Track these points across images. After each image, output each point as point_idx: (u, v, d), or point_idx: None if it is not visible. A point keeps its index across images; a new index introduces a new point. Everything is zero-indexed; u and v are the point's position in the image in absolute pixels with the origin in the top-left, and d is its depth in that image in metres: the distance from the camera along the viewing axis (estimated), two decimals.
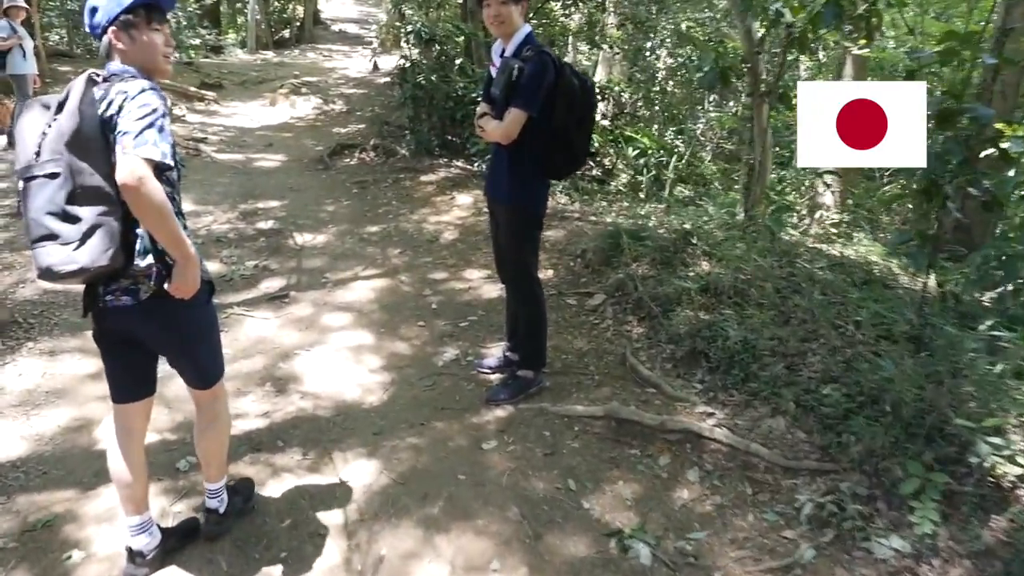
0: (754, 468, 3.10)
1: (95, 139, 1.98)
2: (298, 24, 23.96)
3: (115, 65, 2.12)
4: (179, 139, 8.73)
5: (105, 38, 2.12)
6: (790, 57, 4.78)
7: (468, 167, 7.95)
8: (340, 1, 31.61)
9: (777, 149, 7.89)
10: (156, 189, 1.91)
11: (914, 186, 5.26)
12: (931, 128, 4.09)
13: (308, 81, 13.28)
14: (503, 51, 3.34)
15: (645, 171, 6.39)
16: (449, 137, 8.52)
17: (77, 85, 2.01)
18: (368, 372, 3.96)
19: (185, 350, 2.36)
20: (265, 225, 6.23)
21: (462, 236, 6.07)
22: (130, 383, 2.39)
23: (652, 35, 12.23)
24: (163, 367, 2.45)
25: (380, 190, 7.47)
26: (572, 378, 3.85)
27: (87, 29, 2.17)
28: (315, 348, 4.21)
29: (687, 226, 4.80)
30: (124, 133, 1.92)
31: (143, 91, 1.99)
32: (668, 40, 12.39)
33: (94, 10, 2.11)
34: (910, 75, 4.06)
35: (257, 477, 3.01)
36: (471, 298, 4.93)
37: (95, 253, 1.95)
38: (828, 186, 6.22)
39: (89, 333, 2.39)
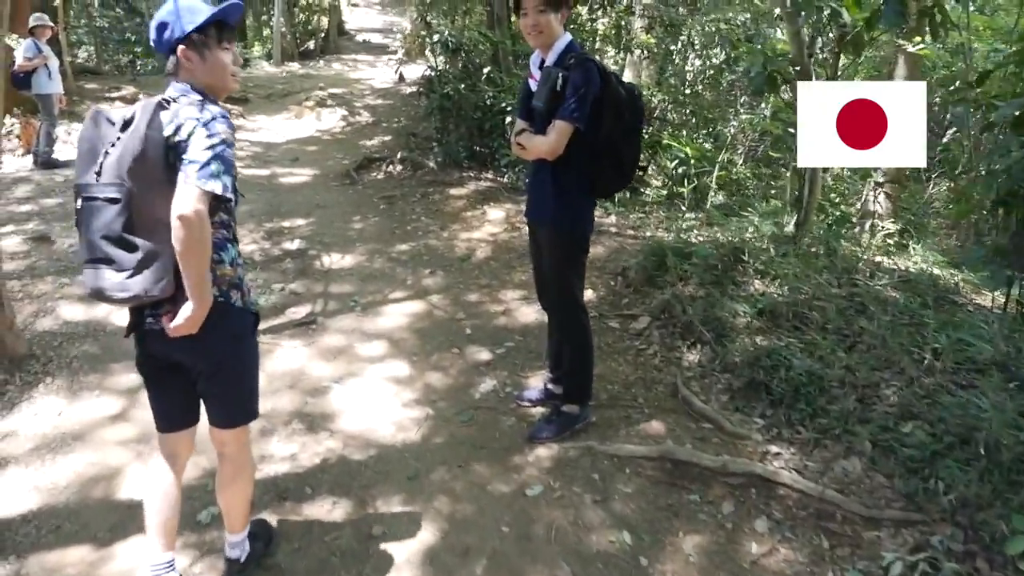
0: (830, 517, 2.79)
1: (158, 166, 1.92)
2: (323, 35, 23.94)
3: (180, 84, 2.06)
4: None
5: (173, 56, 2.06)
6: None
7: (498, 179, 7.71)
8: (364, 11, 31.63)
9: None
10: (207, 227, 1.90)
11: (974, 194, 4.92)
12: (1003, 133, 3.78)
13: (334, 93, 13.13)
14: (542, 62, 3.08)
15: (686, 182, 6.08)
16: (478, 148, 8.28)
17: (146, 108, 1.95)
18: (401, 407, 3.71)
19: (220, 382, 2.22)
20: (291, 245, 6.03)
21: (495, 254, 5.81)
22: (175, 411, 2.31)
23: (682, 37, 11.92)
24: None
25: (408, 205, 7.24)
26: (620, 411, 3.57)
27: (152, 45, 2.11)
28: (346, 380, 3.97)
29: (736, 241, 4.49)
30: (190, 162, 1.89)
31: (214, 119, 1.95)
32: (697, 42, 12.05)
33: (162, 26, 2.05)
34: (983, 77, 3.74)
35: (283, 529, 2.78)
36: (507, 322, 4.66)
37: (149, 283, 1.93)
38: (889, 196, 5.85)
39: (110, 367, 2.23)
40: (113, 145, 1.92)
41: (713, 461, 3.02)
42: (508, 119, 7.51)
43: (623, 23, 11.82)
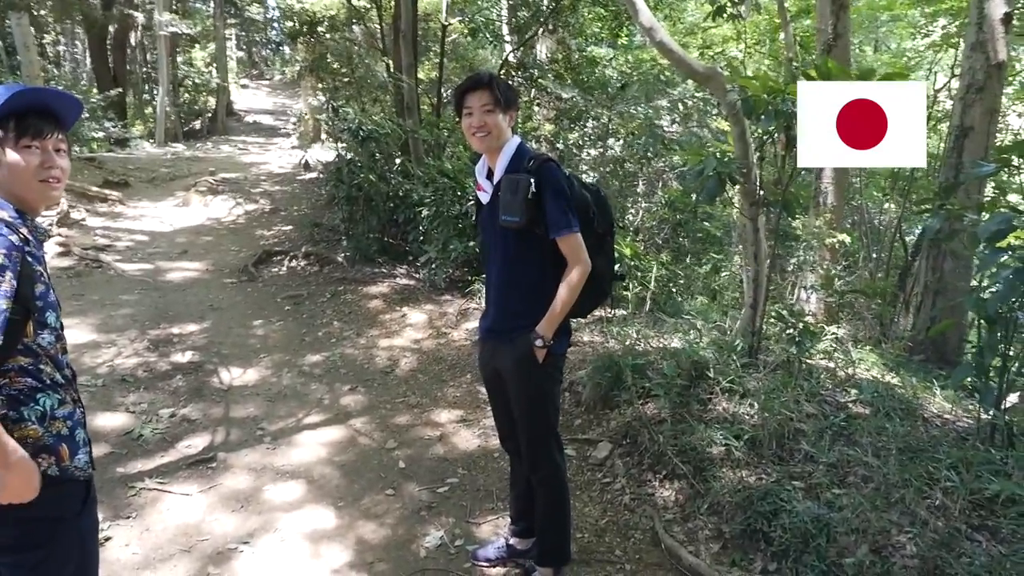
0: None
1: None
2: (210, 115, 23.05)
3: None
4: (78, 248, 7.63)
5: None
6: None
7: (415, 276, 7.17)
8: (253, 92, 31.02)
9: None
10: None
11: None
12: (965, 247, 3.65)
13: (226, 177, 12.29)
14: (489, 170, 2.68)
15: (631, 284, 5.79)
16: (390, 241, 7.76)
17: None
18: (331, 574, 3.01)
19: None
20: (182, 358, 5.21)
21: (421, 365, 5.22)
22: None
23: (586, 128, 12.07)
24: None
25: (317, 306, 6.56)
26: (597, 569, 3.03)
27: None
28: (257, 538, 3.24)
29: (703, 353, 4.12)
30: None
31: None
32: (594, 132, 12.23)
33: None
34: (949, 189, 3.62)
35: None
36: (446, 451, 4.06)
37: None
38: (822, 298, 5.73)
39: None
40: None
41: None
42: (424, 212, 7.06)
43: (528, 114, 11.84)
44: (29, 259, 1.59)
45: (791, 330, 4.25)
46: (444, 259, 6.70)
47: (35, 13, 15.39)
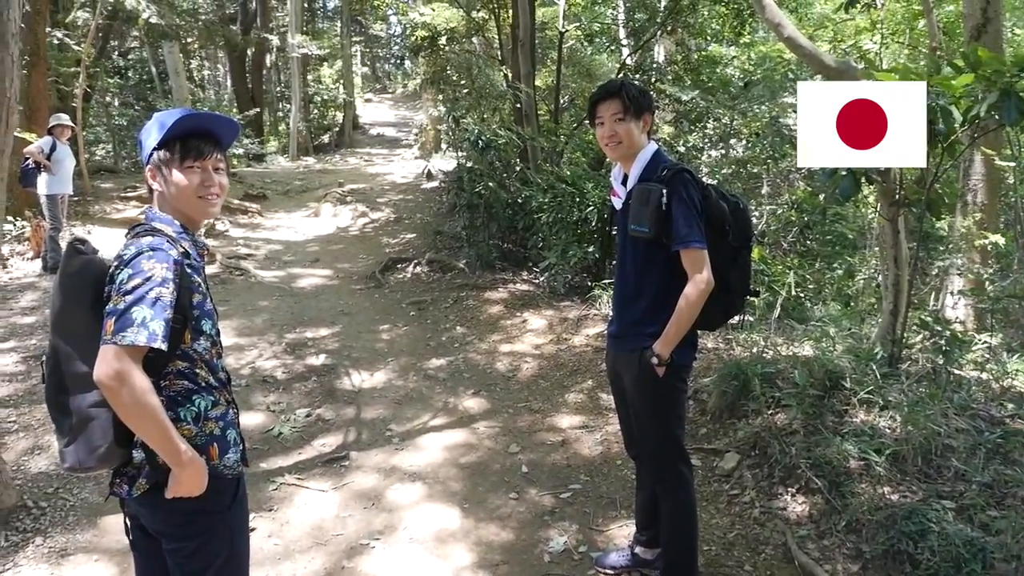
0: None
1: (83, 316, 1.64)
2: (337, 129, 24.20)
3: (152, 211, 1.81)
4: (222, 257, 8.19)
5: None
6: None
7: (534, 282, 7.23)
8: (376, 106, 32.28)
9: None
10: (137, 389, 1.53)
11: None
12: None
13: (353, 188, 12.87)
14: (624, 177, 2.66)
15: (762, 292, 5.59)
16: (510, 247, 7.86)
17: (65, 250, 1.72)
18: (457, 573, 3.08)
19: (185, 568, 1.77)
20: (316, 360, 5.49)
21: (542, 371, 5.25)
22: None
23: (707, 129, 11.78)
24: None
25: (441, 312, 6.74)
26: None
27: None
28: (385, 536, 3.35)
29: (838, 361, 3.92)
30: (108, 314, 1.58)
31: (139, 255, 1.62)
32: (717, 134, 11.90)
33: (139, 144, 1.85)
34: None
35: None
36: (568, 456, 4.06)
37: (82, 453, 1.65)
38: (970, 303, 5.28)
39: (108, 520, 2.27)
40: None
41: None
42: (543, 218, 7.11)
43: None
44: (188, 271, 1.71)
45: (937, 338, 3.96)
46: (564, 264, 6.73)
47: (184, 41, 16.73)
